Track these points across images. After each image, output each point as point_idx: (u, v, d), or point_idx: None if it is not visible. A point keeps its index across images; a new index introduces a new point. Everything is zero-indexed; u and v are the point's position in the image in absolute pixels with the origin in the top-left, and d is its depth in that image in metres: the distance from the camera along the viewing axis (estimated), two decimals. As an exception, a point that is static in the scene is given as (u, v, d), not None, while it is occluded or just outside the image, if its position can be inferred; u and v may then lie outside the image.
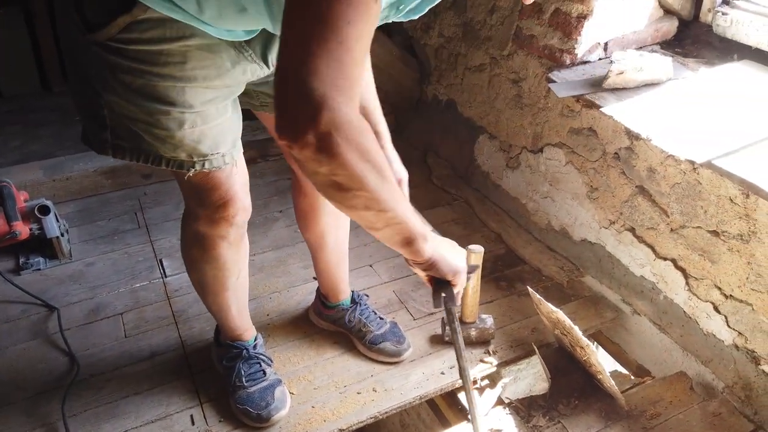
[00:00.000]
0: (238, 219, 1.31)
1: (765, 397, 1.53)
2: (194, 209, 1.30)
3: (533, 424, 1.52)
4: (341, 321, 1.72)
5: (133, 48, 1.02)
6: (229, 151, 1.20)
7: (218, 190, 1.24)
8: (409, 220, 0.93)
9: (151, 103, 1.07)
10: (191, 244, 1.38)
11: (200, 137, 1.13)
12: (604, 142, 1.83)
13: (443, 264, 1.05)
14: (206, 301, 1.50)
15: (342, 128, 0.73)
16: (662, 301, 1.76)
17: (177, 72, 1.05)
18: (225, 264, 1.39)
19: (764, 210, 1.42)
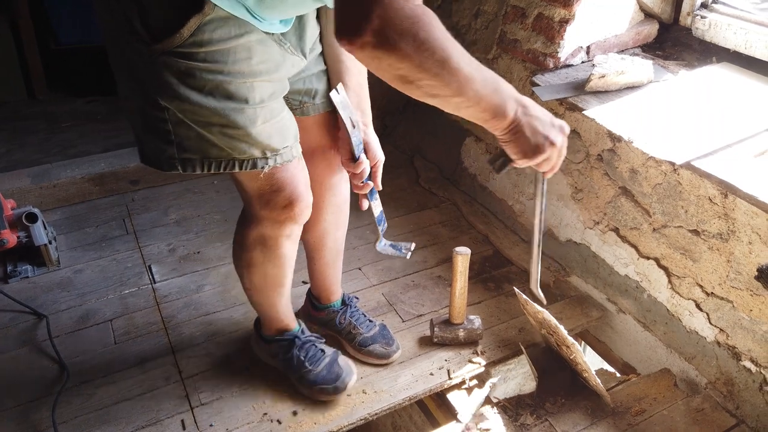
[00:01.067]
0: (303, 217, 1.34)
1: (746, 392, 1.57)
2: (258, 212, 1.32)
3: (521, 423, 1.55)
4: (331, 323, 1.73)
5: (205, 50, 1.05)
6: (294, 143, 1.24)
7: (284, 191, 1.26)
8: (483, 99, 0.91)
9: (226, 102, 1.10)
10: (253, 248, 1.39)
11: (271, 132, 1.17)
12: (587, 144, 1.86)
13: (526, 134, 0.97)
14: (259, 299, 1.52)
15: (395, 21, 0.76)
16: (646, 300, 1.79)
17: (246, 68, 1.10)
18: (287, 261, 1.43)
19: (742, 209, 1.46)
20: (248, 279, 1.48)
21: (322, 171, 1.48)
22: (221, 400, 1.60)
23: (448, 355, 1.75)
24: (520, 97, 0.97)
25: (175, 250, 2.16)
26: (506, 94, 0.94)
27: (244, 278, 1.49)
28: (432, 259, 2.16)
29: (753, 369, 1.54)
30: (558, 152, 1.04)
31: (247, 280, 1.49)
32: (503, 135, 0.99)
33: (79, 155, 2.60)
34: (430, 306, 1.94)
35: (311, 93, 1.37)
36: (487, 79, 0.91)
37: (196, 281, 2.01)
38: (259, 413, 1.56)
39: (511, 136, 0.99)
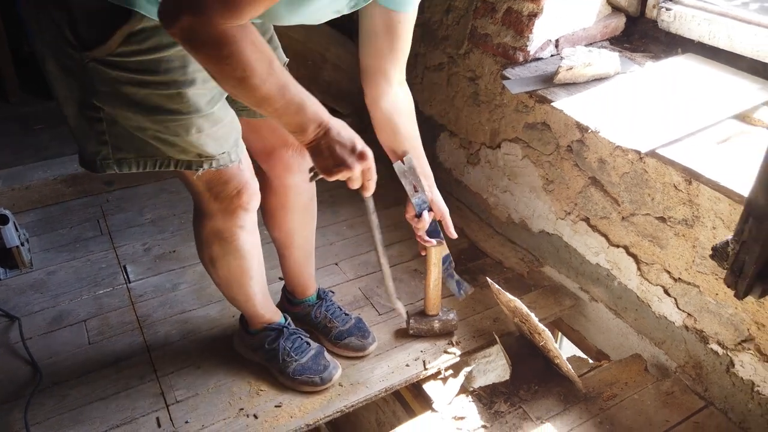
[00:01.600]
0: (252, 205, 1.36)
1: (714, 375, 1.60)
2: (208, 206, 1.33)
3: (495, 410, 1.57)
4: (307, 318, 1.74)
5: (135, 60, 1.05)
6: (233, 149, 1.24)
7: (231, 182, 1.28)
8: (282, 117, 1.03)
9: (157, 112, 1.11)
10: (211, 243, 1.40)
11: (206, 140, 1.18)
12: (557, 136, 1.89)
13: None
14: (232, 294, 1.53)
15: (201, 32, 0.88)
16: (617, 287, 1.83)
17: (180, 77, 1.09)
18: (248, 252, 1.43)
19: (705, 195, 1.49)
20: (215, 275, 1.48)
21: (280, 172, 1.51)
22: (197, 396, 1.60)
23: (424, 347, 1.77)
24: (327, 122, 1.07)
25: (150, 250, 2.14)
26: (308, 118, 1.04)
27: (211, 275, 1.50)
28: (408, 252, 2.18)
29: (720, 351, 1.58)
30: (360, 175, 1.14)
31: (214, 276, 1.49)
32: (307, 149, 1.11)
33: (52, 157, 2.57)
34: (406, 299, 1.96)
35: None
36: (289, 102, 1.01)
37: (172, 280, 2.00)
38: (236, 408, 1.56)
39: (312, 152, 1.11)
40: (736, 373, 1.55)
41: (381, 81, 1.34)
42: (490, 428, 1.53)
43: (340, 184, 2.19)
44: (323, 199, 2.46)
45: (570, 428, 1.53)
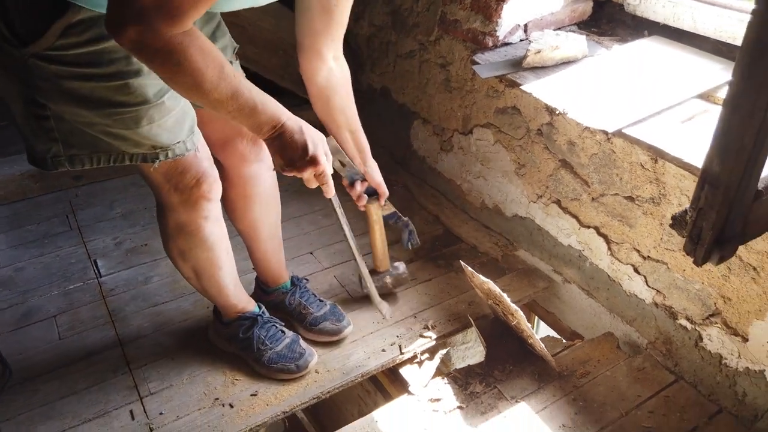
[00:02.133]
0: (214, 194, 1.34)
1: (684, 350, 1.64)
2: (169, 199, 1.31)
3: (470, 391, 1.58)
4: (282, 305, 1.73)
5: (74, 53, 1.02)
6: (188, 138, 1.22)
7: (189, 172, 1.27)
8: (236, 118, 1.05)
9: (103, 107, 1.08)
10: (176, 237, 1.38)
11: (158, 130, 1.15)
12: (527, 120, 1.91)
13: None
14: (203, 286, 1.51)
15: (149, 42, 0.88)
16: (588, 268, 1.85)
17: (124, 67, 1.06)
18: (214, 243, 1.41)
19: (671, 173, 1.52)
20: (184, 268, 1.47)
21: (236, 163, 1.50)
22: (171, 388, 1.58)
23: (400, 332, 1.77)
24: (283, 124, 1.09)
25: (121, 244, 2.11)
26: (261, 121, 1.07)
27: (180, 269, 1.48)
28: (383, 240, 2.17)
29: (689, 327, 1.61)
30: (311, 178, 1.19)
31: (183, 270, 1.47)
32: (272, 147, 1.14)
33: (17, 153, 2.52)
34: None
35: None
36: (242, 106, 1.03)
37: (144, 273, 1.98)
38: (211, 398, 1.55)
39: (268, 148, 1.14)
40: (705, 347, 1.58)
41: (315, 58, 1.36)
42: (466, 409, 1.54)
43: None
44: (297, 189, 2.46)
45: (544, 406, 1.55)
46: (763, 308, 1.42)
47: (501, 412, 1.53)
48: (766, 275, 1.39)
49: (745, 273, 1.43)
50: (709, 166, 0.77)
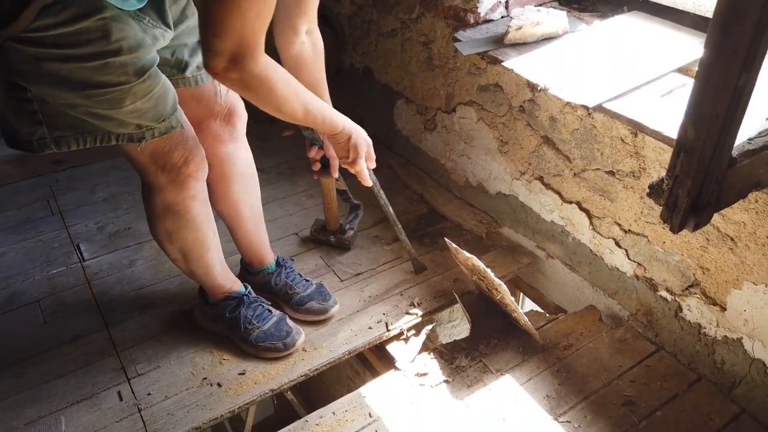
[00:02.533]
0: (201, 173, 1.35)
1: (664, 321, 1.67)
2: (156, 180, 1.31)
3: (456, 365, 1.60)
4: (267, 286, 1.74)
5: (52, 33, 1.01)
6: (172, 116, 1.23)
7: (176, 151, 1.28)
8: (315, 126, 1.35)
9: (84, 88, 1.07)
10: (164, 218, 1.38)
11: (142, 109, 1.15)
12: (509, 97, 1.91)
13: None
14: (190, 267, 1.51)
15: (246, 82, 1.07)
16: (571, 243, 1.87)
17: (103, 47, 1.06)
18: (202, 223, 1.42)
19: (651, 146, 1.53)
20: (171, 250, 1.46)
21: (211, 143, 1.50)
22: (159, 369, 1.59)
23: (386, 309, 1.79)
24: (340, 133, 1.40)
25: (104, 228, 2.10)
26: (325, 129, 1.37)
27: (167, 251, 1.47)
28: (368, 220, 2.18)
29: (669, 298, 1.64)
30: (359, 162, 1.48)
31: (171, 252, 1.47)
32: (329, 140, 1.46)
33: (-5, 138, 2.48)
34: (367, 264, 1.97)
35: (180, 65, 1.35)
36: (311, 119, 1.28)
37: (128, 257, 1.97)
38: (198, 378, 1.56)
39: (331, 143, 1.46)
40: (684, 317, 1.61)
41: (289, 32, 1.40)
42: (452, 382, 1.56)
43: (298, 155, 2.23)
44: (281, 170, 2.46)
45: (528, 378, 1.58)
46: (740, 277, 1.45)
47: (486, 384, 1.56)
48: (743, 245, 1.42)
49: (722, 243, 1.46)
50: (684, 133, 0.79)
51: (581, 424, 1.46)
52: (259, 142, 2.60)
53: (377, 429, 1.45)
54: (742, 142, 0.85)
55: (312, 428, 1.45)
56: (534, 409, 1.50)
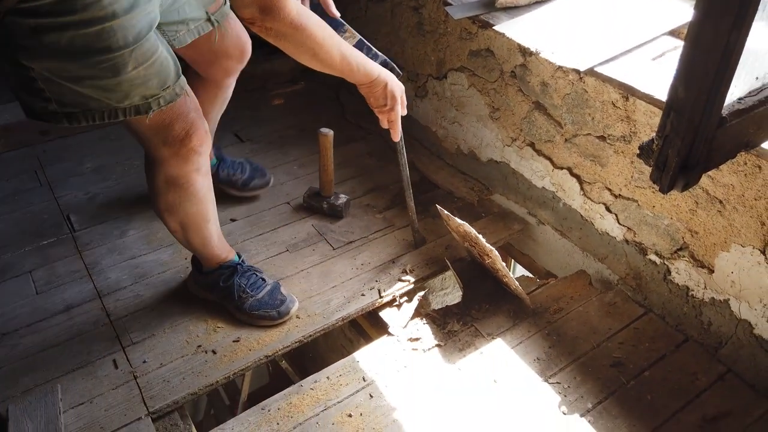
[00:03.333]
0: (204, 147, 1.36)
1: (653, 284, 1.69)
2: (159, 153, 1.31)
3: (448, 330, 1.62)
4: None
5: (48, 2, 1.00)
6: (176, 83, 1.22)
7: (178, 122, 1.28)
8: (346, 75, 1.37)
9: (87, 55, 1.06)
10: (166, 191, 1.38)
11: (146, 76, 1.15)
12: (500, 62, 1.89)
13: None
14: (188, 239, 1.52)
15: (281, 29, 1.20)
16: (562, 209, 1.88)
17: (98, 12, 1.04)
18: (204, 196, 1.44)
19: (641, 110, 1.53)
20: (171, 222, 1.47)
21: (220, 77, 1.71)
22: (153, 337, 1.60)
23: (379, 276, 1.80)
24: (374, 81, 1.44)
25: (94, 198, 2.08)
26: (359, 78, 1.41)
27: (167, 223, 1.48)
28: (360, 188, 2.18)
29: (658, 261, 1.66)
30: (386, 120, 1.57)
31: (170, 224, 1.47)
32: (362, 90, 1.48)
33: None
34: (359, 233, 1.98)
35: (185, 21, 1.38)
36: (346, 66, 1.35)
37: (119, 227, 1.96)
38: (193, 346, 1.57)
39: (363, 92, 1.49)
40: (673, 279, 1.64)
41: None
42: (444, 347, 1.59)
43: (288, 124, 2.21)
44: (272, 140, 2.44)
45: (519, 341, 1.60)
46: (728, 240, 1.47)
47: (478, 348, 1.58)
48: (731, 207, 1.44)
49: (711, 206, 1.48)
50: (674, 93, 0.79)
51: (570, 385, 1.49)
52: (249, 111, 2.58)
53: (371, 392, 1.47)
54: (731, 102, 0.85)
55: (307, 392, 1.47)
56: (524, 371, 1.53)
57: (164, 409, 1.43)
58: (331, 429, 1.39)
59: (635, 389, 1.48)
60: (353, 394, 1.47)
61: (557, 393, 1.47)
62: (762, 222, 1.39)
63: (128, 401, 1.43)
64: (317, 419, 1.41)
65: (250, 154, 2.29)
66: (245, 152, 2.32)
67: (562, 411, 1.43)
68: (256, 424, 1.40)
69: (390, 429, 1.39)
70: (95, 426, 1.38)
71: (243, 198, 2.07)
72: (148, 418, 1.41)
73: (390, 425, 1.40)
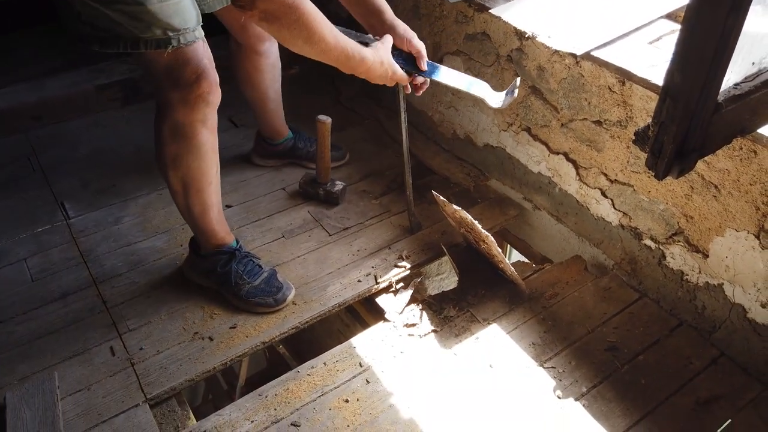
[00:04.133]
0: (213, 97, 1.38)
1: (648, 269, 1.70)
2: (169, 96, 1.35)
3: (445, 316, 1.63)
4: (291, 151, 2.14)
5: None
6: (196, 26, 1.28)
7: (190, 64, 1.31)
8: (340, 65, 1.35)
9: None
10: (171, 139, 1.41)
11: (171, 12, 1.21)
12: (497, 46, 1.88)
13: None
14: (188, 203, 1.52)
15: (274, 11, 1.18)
16: (558, 194, 1.88)
17: None
18: (207, 152, 1.45)
19: (638, 95, 1.52)
20: (174, 179, 1.47)
21: (253, 42, 1.84)
22: (150, 324, 1.60)
23: (375, 262, 1.80)
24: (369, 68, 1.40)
25: (88, 185, 2.07)
26: (353, 65, 1.37)
27: (170, 181, 1.48)
28: (356, 174, 2.18)
29: (653, 246, 1.66)
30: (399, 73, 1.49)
31: (173, 182, 1.47)
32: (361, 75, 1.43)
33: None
34: (355, 219, 1.97)
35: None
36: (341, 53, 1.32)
37: (114, 214, 1.95)
38: (190, 333, 1.58)
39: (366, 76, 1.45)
40: (668, 264, 1.64)
41: None
42: (440, 332, 1.59)
43: (285, 110, 2.19)
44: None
45: (515, 326, 1.61)
46: (723, 224, 1.47)
47: (474, 333, 1.59)
48: (726, 192, 1.44)
49: (706, 191, 1.48)
50: (670, 79, 0.78)
51: (565, 369, 1.50)
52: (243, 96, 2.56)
53: (367, 378, 1.48)
54: (727, 87, 0.84)
55: (303, 378, 1.48)
56: (520, 356, 1.54)
57: (162, 396, 1.44)
58: (328, 414, 1.40)
59: (629, 373, 1.49)
60: (350, 380, 1.48)
61: (552, 377, 1.48)
62: (757, 207, 1.39)
63: (126, 388, 1.44)
64: (314, 405, 1.42)
65: (245, 140, 2.28)
66: (240, 138, 2.31)
67: (557, 395, 1.44)
68: (253, 410, 1.41)
69: (386, 414, 1.40)
70: (93, 413, 1.38)
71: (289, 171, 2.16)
72: (146, 404, 1.41)
73: (386, 410, 1.41)
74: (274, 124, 2.07)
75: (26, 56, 2.59)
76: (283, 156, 2.16)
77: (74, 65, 2.49)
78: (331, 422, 1.38)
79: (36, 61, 2.54)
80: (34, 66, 2.51)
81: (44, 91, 2.37)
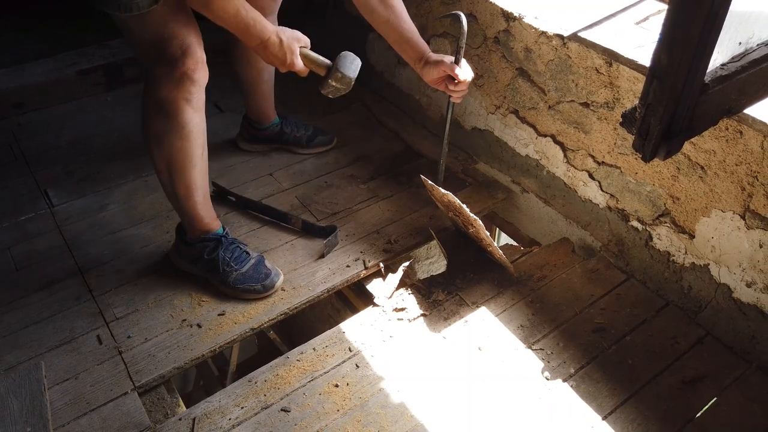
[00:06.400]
0: (199, 76, 1.37)
1: (635, 250, 1.71)
2: (154, 71, 1.35)
3: (433, 300, 1.63)
4: (278, 136, 2.12)
5: None
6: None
7: (175, 39, 1.31)
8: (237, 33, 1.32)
9: None
10: (155, 116, 1.40)
11: None
12: (484, 27, 1.86)
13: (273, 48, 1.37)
14: (174, 185, 1.50)
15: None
16: (545, 176, 1.88)
17: None
18: (191, 132, 1.43)
19: (625, 76, 1.52)
20: (159, 159, 1.46)
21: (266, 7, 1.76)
22: (137, 312, 1.59)
23: (363, 247, 1.80)
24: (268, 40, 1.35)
25: (72, 173, 2.04)
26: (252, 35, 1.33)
27: (155, 161, 1.47)
28: (344, 159, 2.16)
29: (640, 228, 1.67)
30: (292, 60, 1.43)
31: (158, 162, 1.47)
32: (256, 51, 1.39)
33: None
34: (343, 204, 1.96)
35: None
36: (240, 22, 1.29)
37: (99, 201, 1.93)
38: (178, 320, 1.57)
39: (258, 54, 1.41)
40: (654, 245, 1.65)
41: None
42: (429, 316, 1.60)
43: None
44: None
45: (503, 309, 1.62)
46: (709, 205, 1.48)
47: (463, 317, 1.59)
48: (712, 173, 1.44)
49: (693, 172, 1.48)
50: (657, 60, 0.77)
51: (554, 351, 1.51)
52: (229, 81, 2.52)
53: (357, 362, 1.48)
54: (714, 68, 0.84)
55: (293, 364, 1.48)
56: (508, 338, 1.54)
57: (150, 384, 1.44)
58: (318, 399, 1.40)
59: (617, 354, 1.51)
60: (339, 365, 1.48)
61: (540, 359, 1.50)
62: (742, 187, 1.40)
63: (114, 376, 1.43)
64: (304, 390, 1.42)
65: (232, 125, 2.25)
66: (226, 122, 2.28)
67: (545, 376, 1.46)
68: (243, 396, 1.40)
69: (376, 398, 1.41)
70: (81, 402, 1.38)
71: (305, 155, 2.17)
72: (135, 392, 1.41)
73: (376, 394, 1.41)
74: (263, 107, 2.05)
75: (5, 41, 2.53)
76: (270, 141, 2.14)
77: (55, 50, 2.44)
78: (321, 407, 1.38)
79: (15, 47, 2.49)
80: (13, 51, 2.46)
81: (24, 77, 2.32)
